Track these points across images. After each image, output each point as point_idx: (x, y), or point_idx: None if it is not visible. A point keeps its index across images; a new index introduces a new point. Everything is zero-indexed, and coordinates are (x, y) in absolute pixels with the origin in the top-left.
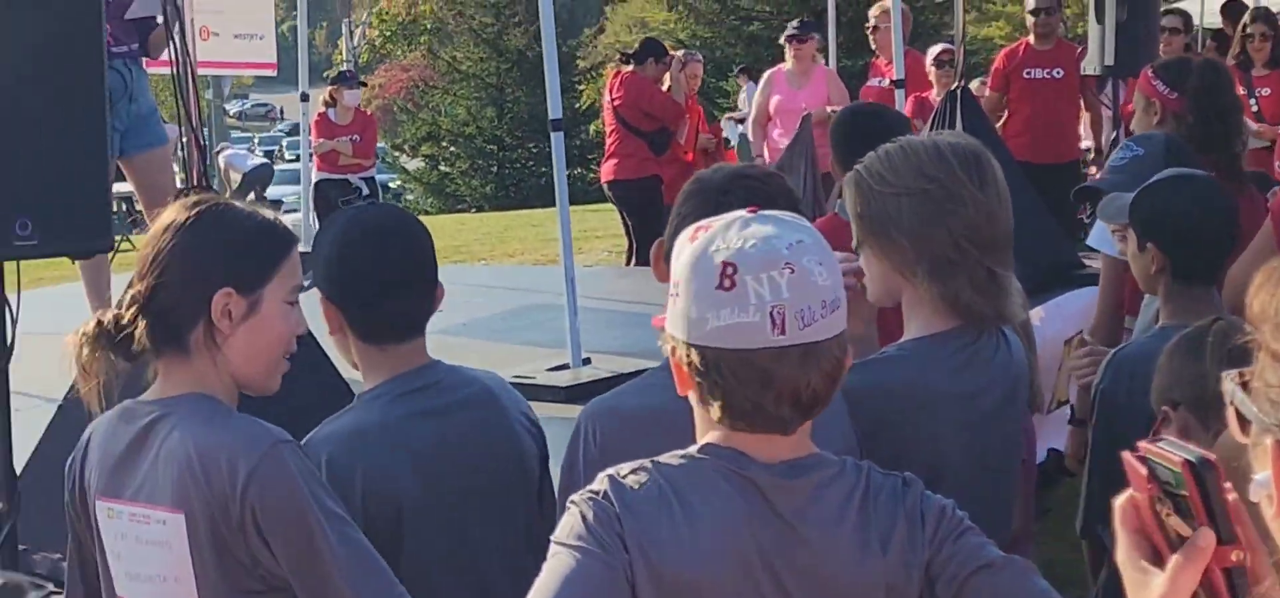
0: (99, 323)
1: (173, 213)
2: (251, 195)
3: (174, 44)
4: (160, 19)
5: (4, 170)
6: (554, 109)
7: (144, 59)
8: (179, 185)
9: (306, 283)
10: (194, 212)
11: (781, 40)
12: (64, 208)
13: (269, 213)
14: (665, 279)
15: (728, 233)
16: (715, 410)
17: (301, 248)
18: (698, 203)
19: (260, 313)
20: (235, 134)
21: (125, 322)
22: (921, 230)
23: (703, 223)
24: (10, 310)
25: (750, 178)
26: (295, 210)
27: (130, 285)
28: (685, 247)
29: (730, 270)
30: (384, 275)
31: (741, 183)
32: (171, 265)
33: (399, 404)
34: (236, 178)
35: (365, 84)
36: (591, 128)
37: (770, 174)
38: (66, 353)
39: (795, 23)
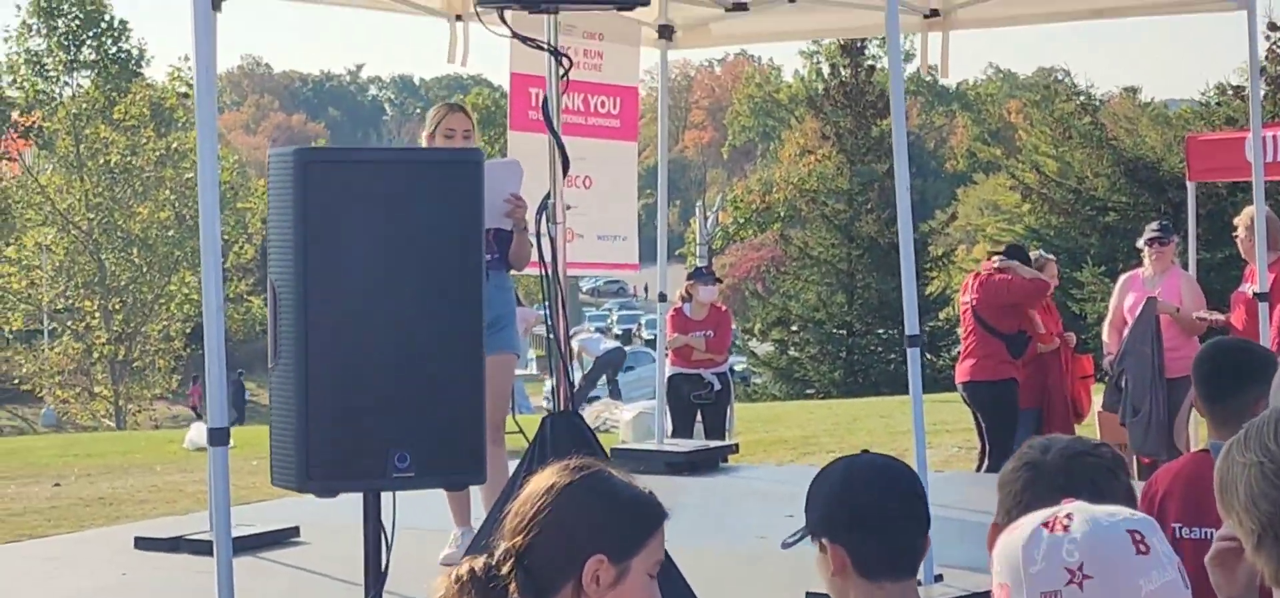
0: (472, 570)
1: (554, 475)
2: (603, 378)
3: (546, 272)
4: (522, 225)
5: (387, 406)
6: (911, 325)
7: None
8: (545, 400)
9: (793, 539)
10: (576, 476)
11: (1140, 244)
12: (441, 442)
13: (643, 487)
14: None
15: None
16: None
17: (653, 445)
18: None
19: (627, 582)
20: (588, 310)
21: (498, 574)
22: None
23: (1019, 523)
24: (386, 537)
25: (1087, 456)
26: (651, 399)
27: (505, 536)
28: (1042, 534)
29: (1139, 537)
30: (890, 507)
31: (1080, 463)
32: (550, 526)
33: None
34: (588, 360)
35: (720, 280)
36: (942, 314)
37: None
38: (434, 595)
39: (1156, 225)
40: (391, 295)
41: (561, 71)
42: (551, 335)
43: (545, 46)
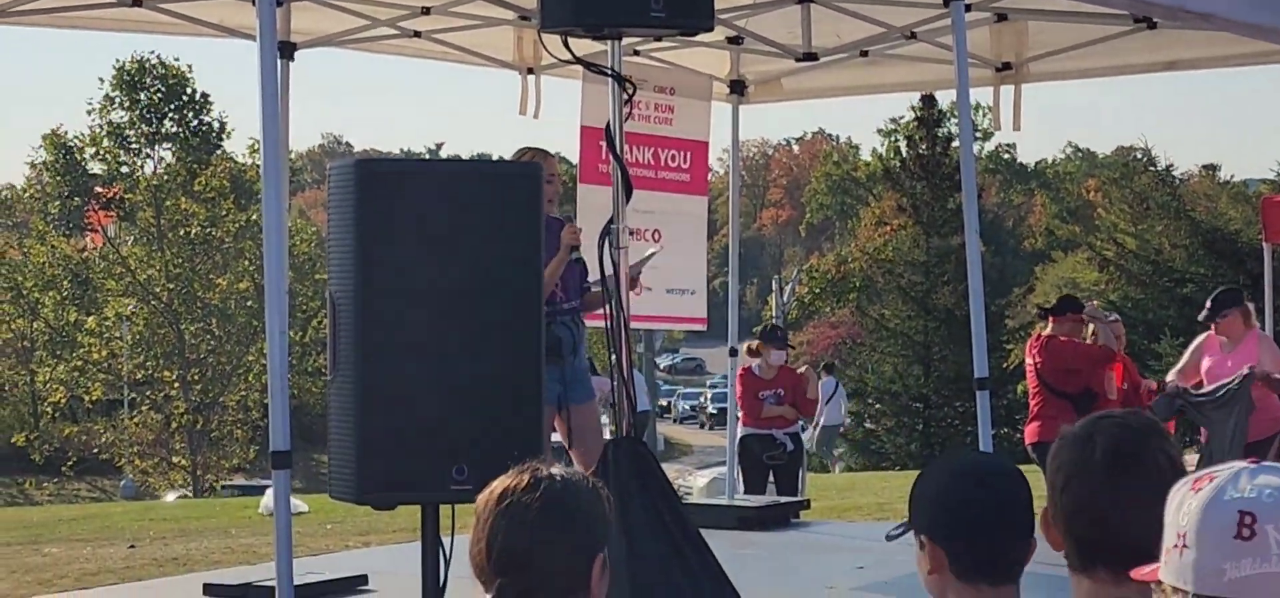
0: None
1: (523, 494)
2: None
3: (609, 298)
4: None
5: (445, 418)
6: (980, 368)
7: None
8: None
9: (897, 532)
10: (547, 493)
11: (1200, 318)
12: (499, 455)
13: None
14: (1057, 546)
15: (1238, 482)
16: None
17: (724, 500)
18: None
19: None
20: (664, 387)
21: None
22: None
23: (1204, 473)
24: (444, 552)
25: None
26: (721, 464)
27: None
28: (1188, 497)
29: (1249, 520)
30: (989, 512)
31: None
32: (549, 548)
33: None
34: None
35: (792, 346)
36: (1018, 388)
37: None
38: None
39: (1208, 302)
40: (449, 306)
41: (624, 97)
42: (614, 358)
43: (608, 72)
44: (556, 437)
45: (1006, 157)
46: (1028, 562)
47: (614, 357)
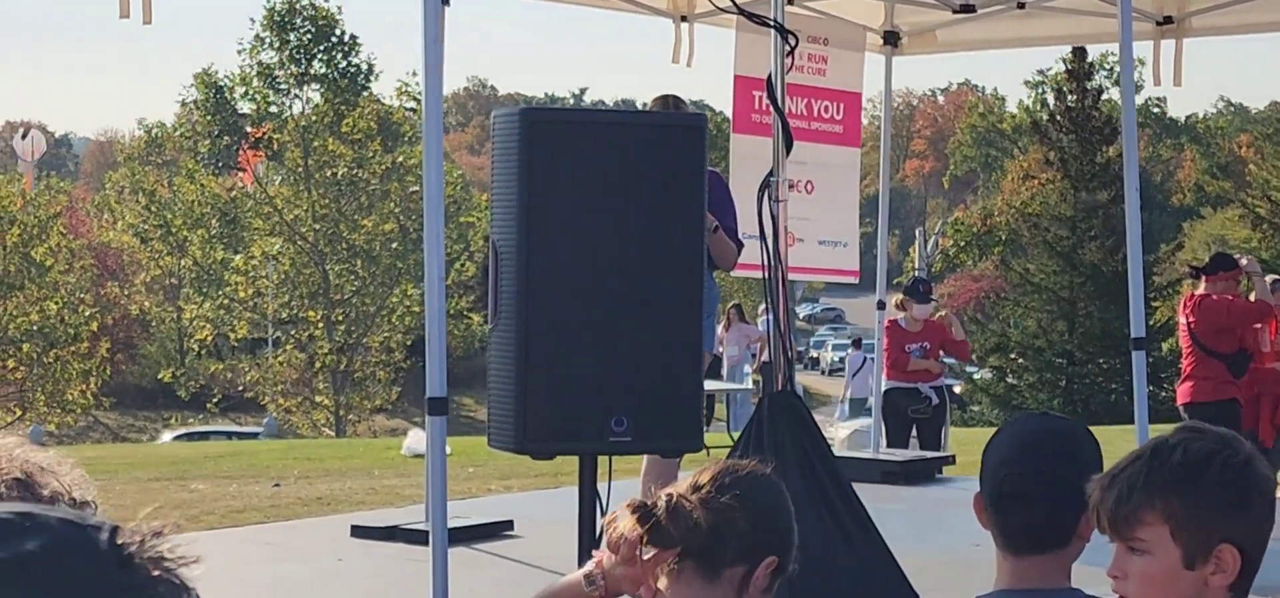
0: (662, 503)
1: (758, 465)
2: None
3: (767, 250)
4: (713, 227)
5: (606, 370)
6: (1137, 327)
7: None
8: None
9: None
10: (774, 481)
11: None
12: (659, 407)
13: None
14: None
15: None
16: None
17: (869, 454)
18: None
19: (773, 590)
20: (803, 336)
21: (681, 518)
22: None
23: None
24: (601, 503)
25: None
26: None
27: (688, 491)
28: None
29: None
30: (1002, 481)
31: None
32: (744, 508)
33: None
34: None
35: (937, 302)
36: (1164, 346)
37: None
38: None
39: None
40: (612, 258)
41: (786, 50)
42: (773, 314)
43: (770, 23)
44: None
45: (1156, 110)
46: (1079, 528)
47: (771, 311)
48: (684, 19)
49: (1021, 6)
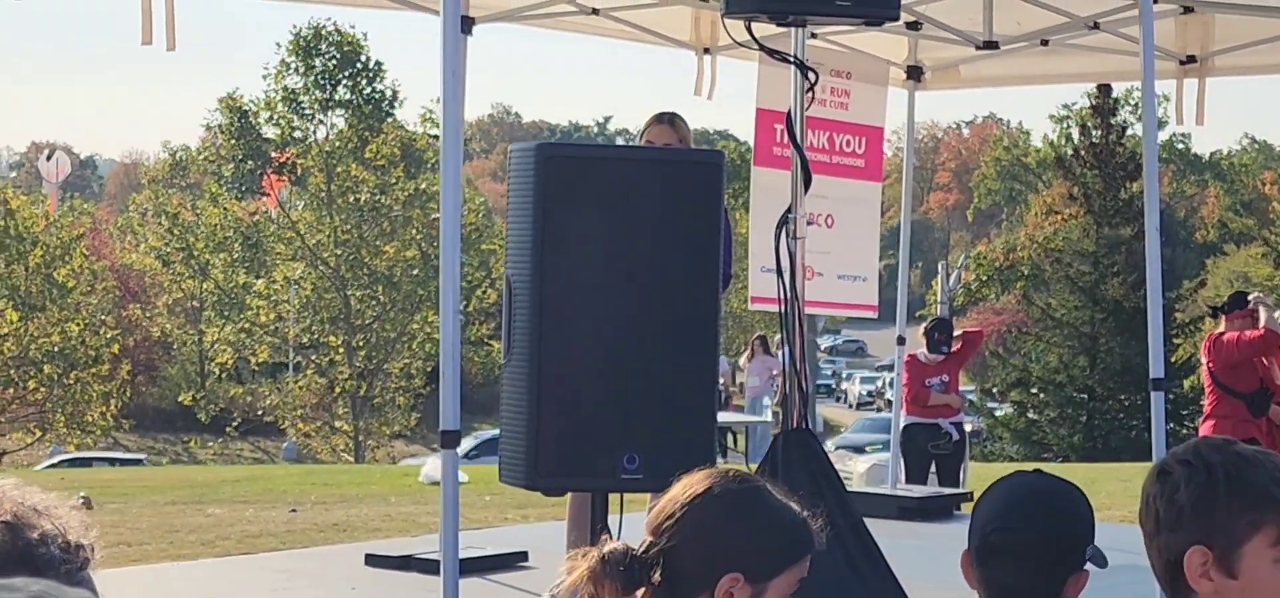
0: (616, 553)
1: (707, 481)
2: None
3: (784, 286)
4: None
5: (618, 406)
6: (1156, 367)
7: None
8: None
9: None
10: (729, 487)
11: None
12: (671, 445)
13: (799, 511)
14: None
15: None
16: None
17: (886, 489)
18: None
19: None
20: (825, 367)
21: (641, 563)
22: None
23: None
24: (610, 538)
25: None
26: (885, 450)
27: (647, 529)
28: None
29: None
30: (989, 536)
31: None
32: (693, 533)
33: None
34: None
35: (957, 337)
36: (1186, 383)
37: None
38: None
39: None
40: (626, 294)
41: (807, 86)
42: (788, 350)
43: (790, 59)
44: None
45: (1181, 146)
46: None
47: (787, 347)
48: (707, 51)
49: (1045, 44)
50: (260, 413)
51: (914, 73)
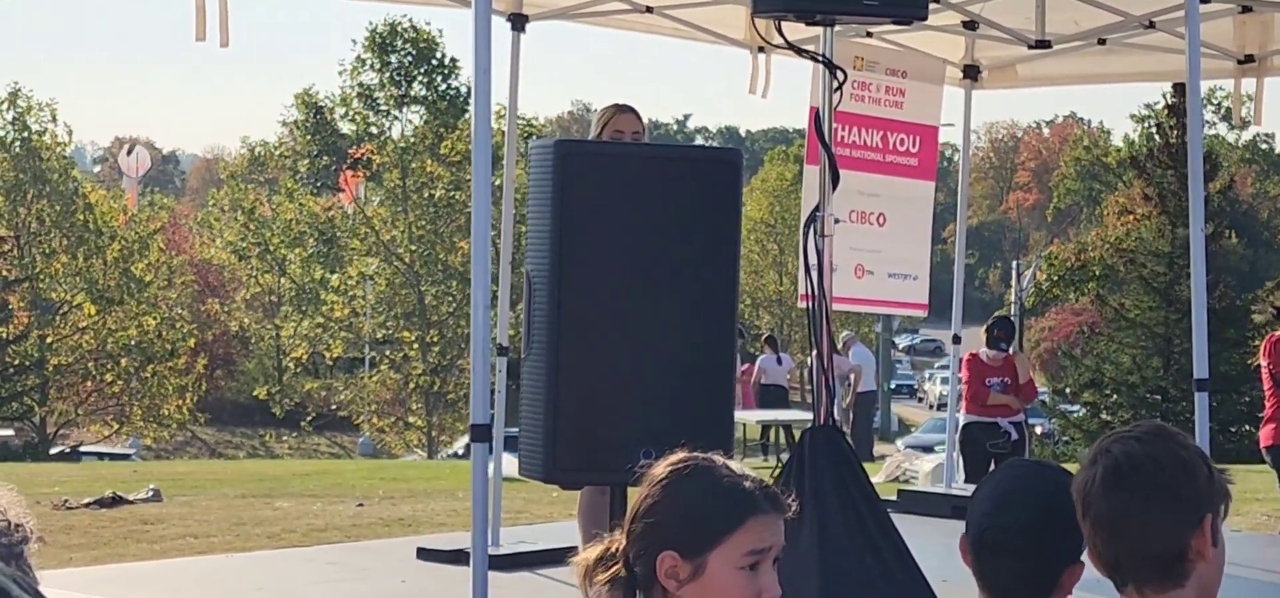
0: (598, 557)
1: (657, 469)
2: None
3: (811, 280)
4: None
5: (636, 401)
6: (1200, 368)
7: None
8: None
9: None
10: (670, 471)
11: None
12: (688, 440)
13: (745, 476)
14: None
15: None
16: None
17: (942, 489)
18: None
19: (706, 578)
20: (899, 368)
21: (611, 560)
22: None
23: None
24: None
25: None
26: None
27: (622, 527)
28: None
29: None
30: (983, 532)
31: None
32: (640, 521)
33: None
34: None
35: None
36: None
37: None
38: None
39: None
40: (645, 290)
41: (835, 84)
42: (815, 348)
43: (818, 58)
44: None
45: (1264, 146)
46: (1051, 591)
47: (814, 345)
48: (761, 50)
49: (1102, 42)
50: (335, 408)
51: (971, 72)
